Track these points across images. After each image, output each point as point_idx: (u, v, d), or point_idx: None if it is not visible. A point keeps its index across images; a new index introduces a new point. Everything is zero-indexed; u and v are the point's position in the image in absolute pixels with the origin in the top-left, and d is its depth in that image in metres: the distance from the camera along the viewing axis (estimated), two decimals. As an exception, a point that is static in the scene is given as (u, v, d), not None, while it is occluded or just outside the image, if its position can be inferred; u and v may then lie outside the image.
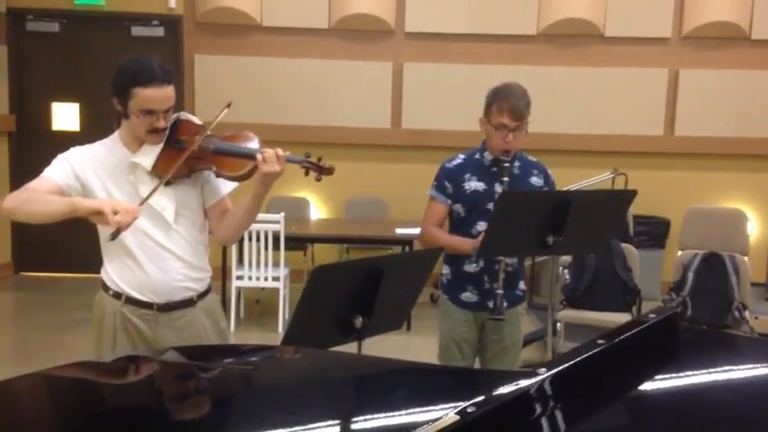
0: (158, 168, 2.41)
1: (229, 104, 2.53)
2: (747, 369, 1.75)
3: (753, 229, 6.56)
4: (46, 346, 5.23)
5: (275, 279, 5.68)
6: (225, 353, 2.22)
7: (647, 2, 6.88)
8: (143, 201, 2.31)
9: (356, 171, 6.76)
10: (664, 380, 1.62)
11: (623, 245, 5.05)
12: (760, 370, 1.72)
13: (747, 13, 6.80)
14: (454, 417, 1.24)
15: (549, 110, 6.28)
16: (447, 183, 3.08)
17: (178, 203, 2.46)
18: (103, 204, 2.20)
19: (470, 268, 3.04)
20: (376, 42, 7.00)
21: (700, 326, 2.52)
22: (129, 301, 2.45)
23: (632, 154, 6.89)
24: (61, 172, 2.37)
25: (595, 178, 6.30)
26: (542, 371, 1.39)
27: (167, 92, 2.36)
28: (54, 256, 7.14)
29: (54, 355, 5.00)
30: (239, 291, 5.89)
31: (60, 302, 6.30)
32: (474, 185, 3.04)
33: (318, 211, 7.15)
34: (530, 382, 1.38)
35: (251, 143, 2.46)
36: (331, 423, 1.55)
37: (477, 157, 3.10)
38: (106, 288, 2.50)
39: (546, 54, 6.94)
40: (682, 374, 1.64)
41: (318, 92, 6.98)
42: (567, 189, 4.44)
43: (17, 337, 5.66)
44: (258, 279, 5.67)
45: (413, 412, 1.56)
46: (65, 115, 7.13)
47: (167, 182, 2.40)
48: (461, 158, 3.12)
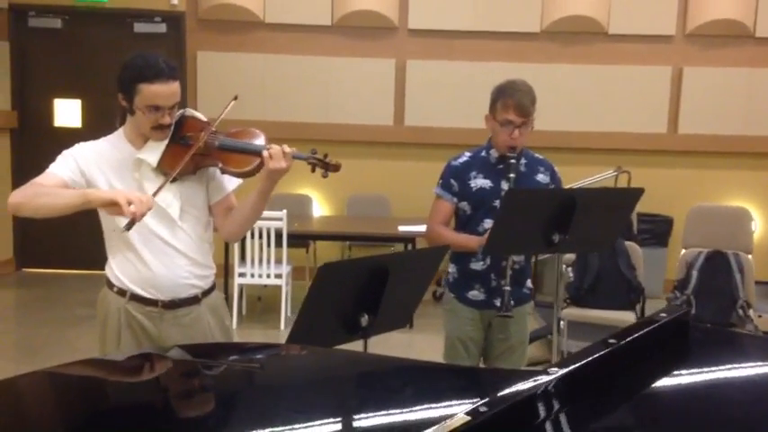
0: (163, 165, 2.39)
1: (236, 97, 2.51)
2: (757, 367, 1.73)
3: (756, 228, 6.54)
4: (49, 342, 5.22)
5: (278, 276, 5.66)
6: (230, 351, 2.21)
7: (651, -1, 6.87)
8: (156, 191, 2.30)
9: (359, 168, 6.75)
10: (674, 379, 1.61)
11: (627, 243, 5.02)
12: (770, 369, 1.71)
13: (752, 10, 6.78)
14: (466, 417, 1.22)
15: (552, 107, 6.24)
16: (453, 181, 3.06)
17: (183, 200, 2.45)
18: (117, 195, 2.18)
19: (477, 266, 3.02)
20: (379, 39, 6.98)
21: (705, 324, 2.50)
22: (134, 298, 2.44)
23: (635, 152, 6.87)
24: (66, 168, 2.36)
25: (598, 176, 6.29)
26: (554, 370, 1.38)
27: (173, 88, 2.35)
28: (56, 252, 7.14)
29: (57, 351, 4.99)
30: (241, 288, 5.88)
31: (63, 299, 6.30)
32: (480, 183, 3.02)
33: (321, 208, 7.14)
34: (541, 381, 1.37)
35: (257, 140, 2.45)
36: (338, 422, 1.54)
37: (484, 154, 3.08)
38: (110, 285, 2.49)
39: (549, 51, 6.91)
40: (692, 374, 1.63)
41: (321, 89, 6.96)
42: (570, 187, 4.43)
43: (20, 334, 5.65)
44: (260, 276, 5.65)
45: (422, 412, 1.55)
46: (67, 112, 7.11)
47: (173, 179, 2.38)
48: (467, 156, 3.10)
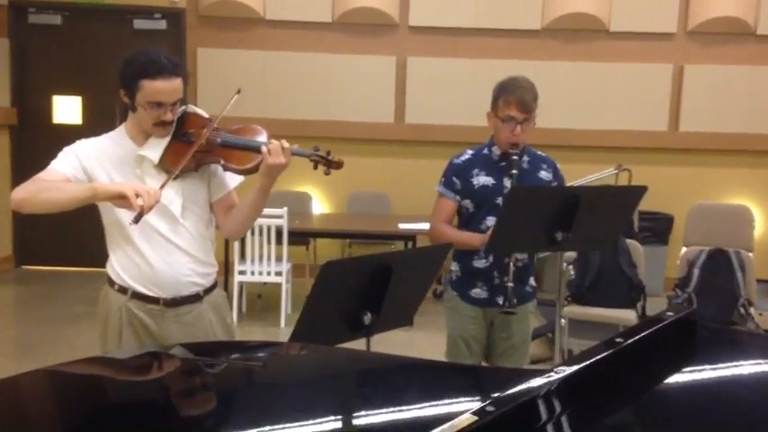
0: (165, 162, 2.38)
1: (239, 91, 2.49)
2: (765, 365, 1.72)
3: (757, 226, 6.53)
4: (48, 340, 5.21)
5: (278, 274, 5.65)
6: (233, 349, 2.20)
7: (652, -3, 6.85)
8: (163, 184, 2.29)
9: (359, 166, 6.71)
10: (681, 379, 1.60)
11: (628, 241, 5.01)
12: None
13: (753, 8, 6.77)
14: (473, 417, 1.21)
15: (552, 105, 6.19)
16: (455, 179, 3.05)
17: (185, 197, 2.44)
18: (125, 188, 2.17)
19: (480, 264, 3.01)
20: (379, 36, 6.97)
21: (712, 323, 2.49)
22: (136, 296, 2.43)
23: (636, 149, 6.85)
24: (68, 164, 2.35)
25: (599, 174, 6.26)
26: (561, 369, 1.37)
27: (175, 84, 2.33)
28: (55, 249, 7.12)
29: (56, 349, 4.98)
30: (241, 285, 5.87)
31: (62, 296, 6.28)
32: (483, 180, 3.01)
33: (321, 205, 7.12)
34: (548, 380, 1.35)
35: (259, 137, 2.43)
36: (341, 421, 1.53)
37: (486, 152, 3.07)
38: (112, 283, 2.47)
39: (550, 49, 6.90)
40: (699, 373, 1.62)
41: (321, 86, 6.94)
42: (570, 185, 4.42)
43: (19, 331, 5.64)
44: (261, 274, 5.64)
45: (427, 411, 1.54)
46: (67, 108, 7.09)
47: (175, 176, 2.37)
48: (469, 154, 3.09)
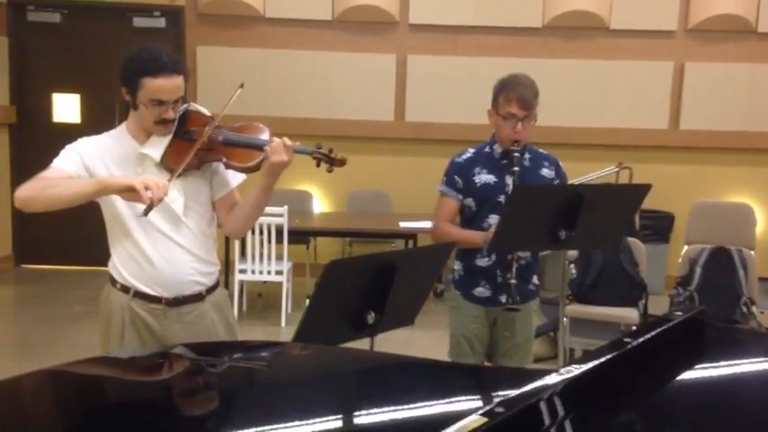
0: (167, 160, 2.37)
1: (242, 85, 2.47)
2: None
3: (758, 224, 6.52)
4: (48, 339, 5.19)
5: (278, 273, 5.64)
6: (236, 349, 2.18)
7: (652, -6, 6.84)
8: (171, 177, 2.28)
9: (359, 164, 6.68)
10: (689, 379, 1.59)
11: (629, 239, 5.00)
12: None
13: (753, 6, 6.75)
14: (482, 418, 1.20)
15: (553, 103, 6.16)
16: (457, 177, 3.04)
17: (187, 196, 2.42)
18: (134, 180, 2.17)
19: (482, 262, 3.00)
20: (379, 34, 6.95)
21: (722, 323, 2.49)
22: (138, 295, 2.41)
23: (636, 147, 6.84)
24: (71, 162, 2.33)
25: (600, 172, 6.25)
26: (569, 370, 1.35)
27: (177, 82, 2.32)
28: (55, 248, 7.10)
29: (56, 348, 4.97)
30: (242, 284, 5.86)
31: (62, 295, 6.27)
32: (485, 178, 3.00)
33: (321, 204, 7.11)
34: (556, 381, 1.34)
35: (262, 134, 2.42)
36: (346, 421, 1.52)
37: (487, 150, 3.06)
38: (114, 282, 2.46)
39: (551, 47, 6.89)
40: (708, 373, 1.61)
41: (321, 84, 6.92)
42: (571, 183, 4.40)
43: (19, 331, 5.62)
44: (261, 273, 5.63)
45: (433, 411, 1.52)
46: (66, 107, 7.07)
47: (178, 174, 2.36)
48: (471, 152, 3.08)
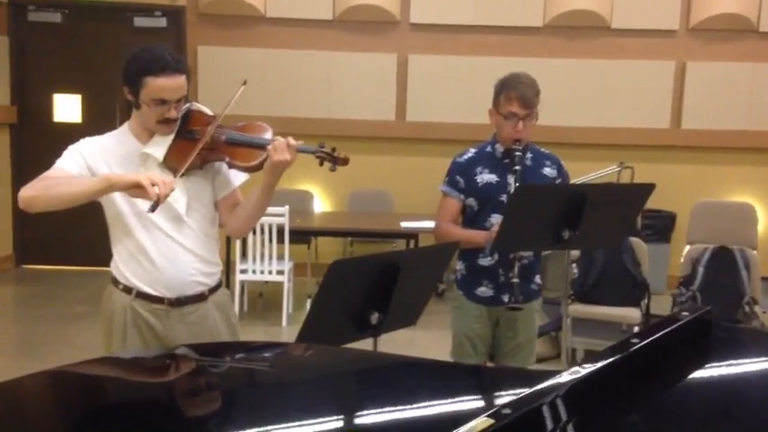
0: (170, 160, 2.36)
1: (245, 82, 2.46)
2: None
3: (760, 224, 6.51)
4: (48, 339, 5.18)
5: (279, 273, 5.63)
6: (239, 350, 2.17)
7: (653, -6, 6.82)
8: (174, 177, 2.27)
9: (360, 164, 6.63)
10: (698, 380, 1.58)
11: (632, 239, 5.00)
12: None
13: (755, 5, 6.74)
14: (489, 420, 1.19)
15: (554, 102, 6.19)
16: (459, 177, 3.04)
17: (190, 196, 2.41)
18: (141, 177, 2.17)
19: (485, 262, 2.99)
20: (380, 34, 6.94)
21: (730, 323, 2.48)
22: (140, 295, 2.40)
23: (638, 147, 6.83)
24: (73, 162, 2.33)
25: (601, 171, 6.24)
26: (577, 370, 1.34)
27: (179, 81, 2.31)
28: (56, 248, 7.10)
29: (57, 348, 4.96)
30: (243, 284, 5.85)
31: (62, 295, 6.26)
32: (486, 178, 3.00)
33: (322, 203, 7.10)
34: (563, 382, 1.33)
35: (265, 134, 2.41)
36: (350, 422, 1.51)
37: (489, 149, 3.06)
38: (116, 282, 2.45)
39: (552, 46, 6.87)
40: (715, 374, 1.60)
41: (322, 84, 6.92)
42: (573, 182, 4.40)
43: (19, 331, 5.61)
44: (262, 272, 5.62)
45: (437, 412, 1.52)
46: (66, 107, 7.06)
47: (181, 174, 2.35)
48: (472, 152, 3.08)
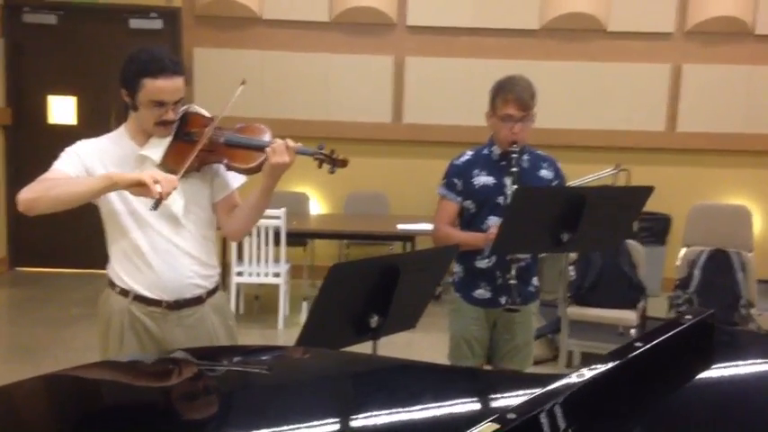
0: (167, 162, 2.34)
1: (244, 81, 2.45)
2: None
3: (755, 226, 6.52)
4: (43, 342, 5.15)
5: (275, 275, 5.61)
6: (238, 354, 2.16)
7: (650, -4, 6.83)
8: (180, 173, 2.26)
9: (357, 166, 6.59)
10: (699, 383, 1.57)
11: (628, 241, 5.01)
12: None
13: (751, 7, 6.76)
14: (493, 425, 1.18)
15: (550, 105, 6.16)
16: (456, 180, 3.04)
17: (187, 198, 2.40)
18: (143, 175, 2.16)
19: (482, 264, 2.99)
20: (377, 36, 6.93)
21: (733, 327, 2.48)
22: (138, 298, 2.39)
23: (633, 149, 6.83)
24: (71, 164, 2.31)
25: (598, 174, 6.24)
26: (581, 374, 1.33)
27: (177, 83, 2.30)
28: (51, 251, 7.06)
29: (52, 351, 4.93)
30: (239, 287, 5.83)
31: (58, 298, 6.23)
32: (483, 180, 3.00)
33: (318, 206, 7.09)
34: (568, 384, 1.32)
35: (264, 135, 2.40)
36: (349, 426, 1.50)
37: (486, 152, 3.07)
38: (113, 285, 2.43)
39: (548, 49, 6.88)
40: (717, 377, 1.59)
41: (319, 86, 6.90)
42: (569, 185, 4.40)
43: (14, 334, 5.58)
44: (258, 275, 5.61)
45: (436, 415, 1.51)
46: (61, 108, 7.03)
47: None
48: (469, 155, 3.09)
